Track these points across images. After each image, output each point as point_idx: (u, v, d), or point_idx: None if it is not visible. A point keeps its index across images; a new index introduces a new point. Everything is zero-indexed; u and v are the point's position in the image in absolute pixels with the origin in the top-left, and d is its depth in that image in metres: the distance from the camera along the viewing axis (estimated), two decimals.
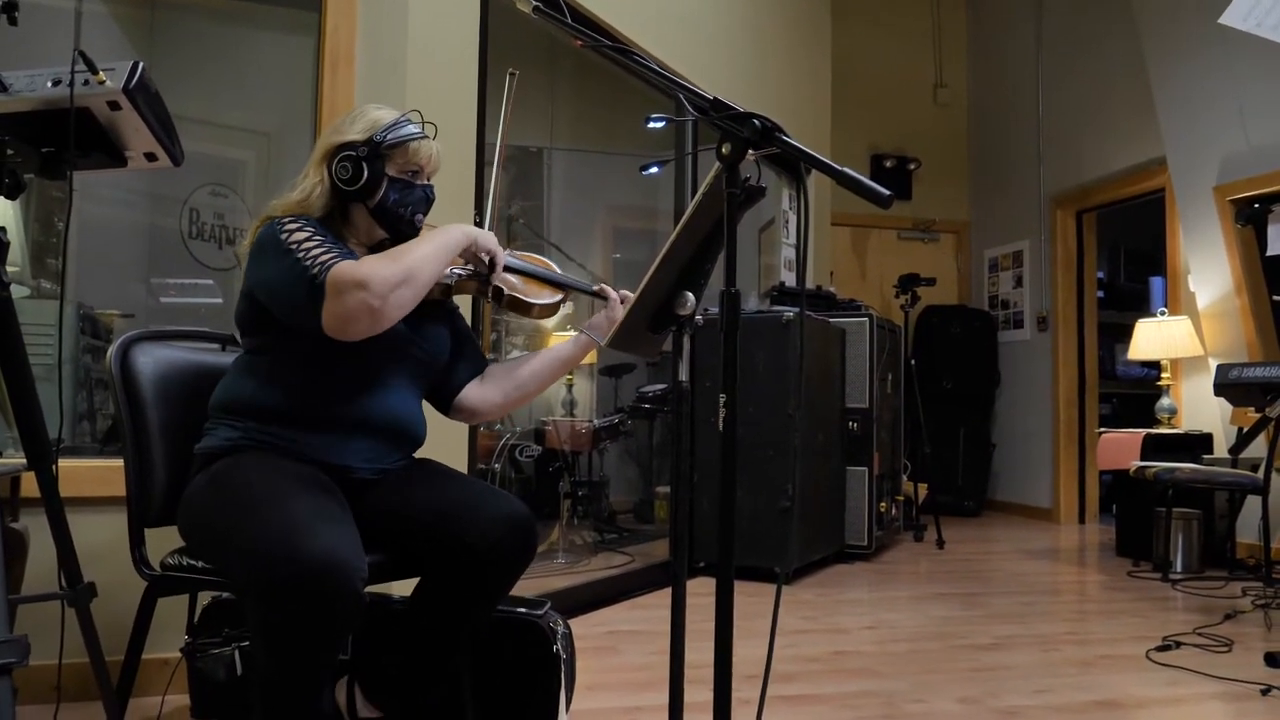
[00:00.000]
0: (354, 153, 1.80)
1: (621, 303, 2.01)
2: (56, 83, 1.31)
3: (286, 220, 1.71)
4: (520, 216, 6.06)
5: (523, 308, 1.96)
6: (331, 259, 1.62)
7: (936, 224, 7.78)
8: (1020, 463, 7.18)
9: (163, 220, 3.36)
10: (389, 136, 1.82)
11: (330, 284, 1.58)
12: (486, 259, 1.88)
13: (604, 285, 2.06)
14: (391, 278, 1.60)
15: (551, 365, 2.05)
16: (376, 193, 1.83)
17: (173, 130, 1.39)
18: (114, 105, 1.33)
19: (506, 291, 1.93)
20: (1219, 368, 4.32)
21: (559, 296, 2.00)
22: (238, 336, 1.87)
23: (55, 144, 1.35)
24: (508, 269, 1.97)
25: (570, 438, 5.06)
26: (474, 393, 2.04)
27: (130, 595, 1.83)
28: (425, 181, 1.90)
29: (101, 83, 1.31)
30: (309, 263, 1.61)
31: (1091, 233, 6.93)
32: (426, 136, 1.88)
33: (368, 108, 1.90)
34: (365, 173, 1.80)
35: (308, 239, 1.66)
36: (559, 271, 2.05)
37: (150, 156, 1.40)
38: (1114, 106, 6.36)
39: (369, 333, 1.62)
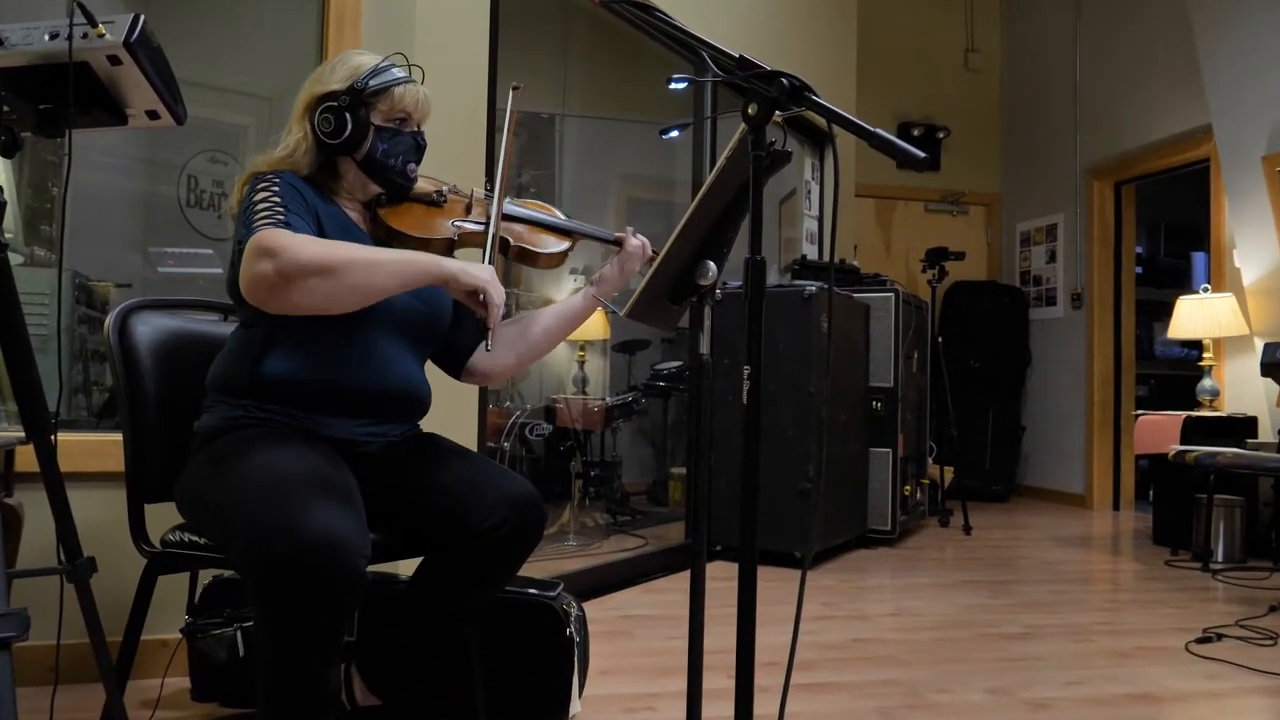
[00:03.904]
0: (336, 103, 1.78)
1: (642, 250, 1.99)
2: (54, 36, 1.31)
3: (262, 181, 1.71)
4: (531, 186, 6.05)
5: (530, 258, 1.95)
6: (267, 221, 1.60)
7: (966, 195, 7.72)
8: (1052, 446, 7.15)
9: (160, 187, 3.36)
10: (371, 82, 1.80)
11: (249, 246, 1.55)
12: (481, 298, 1.68)
13: (625, 232, 2.02)
14: (307, 261, 1.53)
15: (563, 320, 2.04)
16: (363, 144, 1.81)
17: (175, 86, 1.39)
18: (114, 60, 1.33)
19: (513, 242, 1.93)
20: (1266, 346, 4.29)
21: (566, 244, 1.99)
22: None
23: (53, 100, 1.35)
24: (512, 218, 1.96)
25: (582, 416, 5.07)
26: (484, 355, 2.02)
27: (129, 574, 1.84)
28: (415, 129, 1.88)
29: (101, 36, 1.30)
30: (251, 223, 1.60)
31: (1130, 205, 6.87)
32: (412, 80, 1.86)
33: (349, 54, 1.87)
34: (349, 124, 1.78)
35: (264, 200, 1.65)
36: (563, 217, 2.03)
37: (152, 114, 1.39)
38: (1157, 71, 6.29)
39: (270, 309, 1.58)
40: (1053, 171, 7.22)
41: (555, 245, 1.97)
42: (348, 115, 1.78)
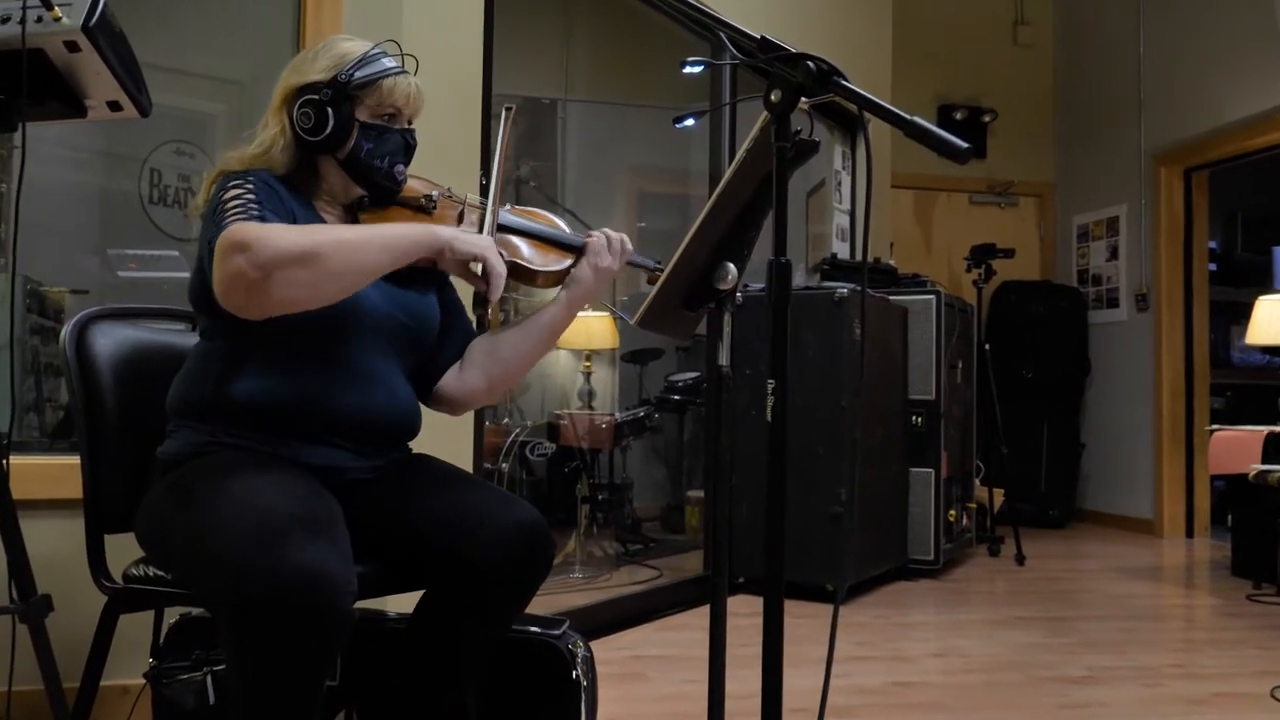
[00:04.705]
0: (317, 96, 1.77)
1: (608, 244, 1.95)
2: (4, 20, 1.33)
3: (233, 180, 1.70)
4: (530, 179, 6.07)
5: (526, 275, 1.93)
6: (238, 215, 1.59)
7: (1015, 186, 7.72)
8: (1115, 466, 7.13)
9: (119, 183, 3.38)
10: (356, 74, 1.79)
11: (219, 244, 1.54)
12: (478, 269, 1.71)
13: (589, 233, 1.98)
14: (285, 249, 1.52)
15: (534, 334, 1.97)
16: (346, 142, 1.80)
17: (139, 74, 1.41)
18: (72, 46, 1.35)
19: (507, 257, 1.92)
20: None
21: (568, 260, 1.96)
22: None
23: (4, 91, 1.37)
24: (508, 228, 1.95)
25: (589, 434, 5.07)
26: (453, 378, 1.98)
27: (87, 612, 1.85)
28: (405, 125, 1.88)
29: (57, 19, 1.32)
30: (221, 222, 1.59)
31: (1202, 195, 6.86)
32: (404, 71, 1.85)
33: (334, 40, 1.87)
34: (330, 119, 1.77)
35: (236, 197, 1.64)
36: (568, 231, 2.02)
37: (114, 105, 1.41)
38: (1231, 44, 6.28)
39: (250, 311, 1.56)
40: (1114, 158, 7.21)
41: (556, 262, 1.96)
42: (329, 110, 1.77)
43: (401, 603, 2.00)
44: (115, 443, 1.88)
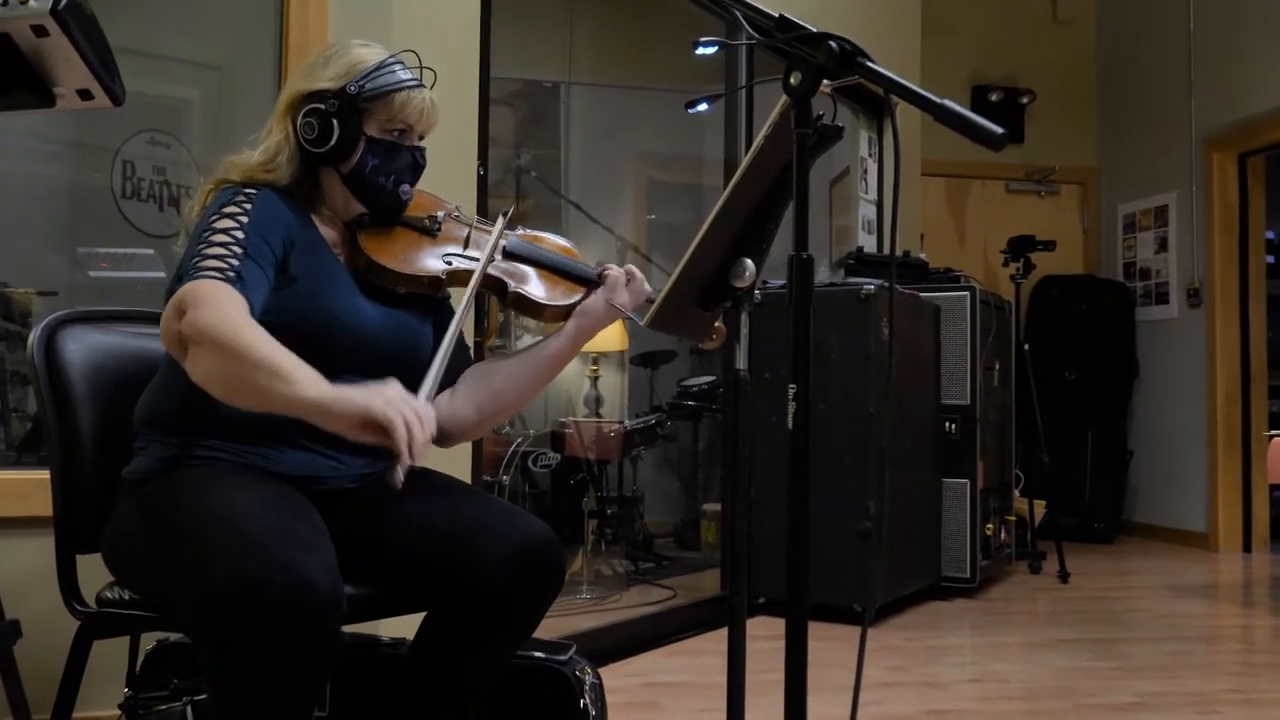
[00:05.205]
0: (323, 105, 1.79)
1: (628, 281, 1.94)
2: None
3: (235, 197, 1.71)
4: (531, 168, 6.08)
5: (533, 309, 1.94)
6: (211, 274, 1.59)
7: (1056, 172, 7.70)
8: (1166, 475, 7.11)
9: (89, 176, 3.39)
10: (367, 85, 1.80)
11: (177, 295, 1.58)
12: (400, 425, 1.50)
13: (607, 266, 1.99)
14: (216, 332, 1.52)
15: (535, 367, 1.97)
16: (350, 157, 1.82)
17: (112, 61, 1.42)
18: (40, 31, 1.35)
19: (512, 287, 1.91)
20: None
21: (578, 295, 1.97)
22: None
23: None
24: (515, 256, 1.95)
25: (596, 443, 5.08)
26: (443, 407, 1.96)
27: (58, 639, 1.86)
28: (415, 143, 1.89)
29: (24, 2, 1.33)
30: (196, 260, 1.61)
31: (1258, 181, 6.84)
32: (420, 84, 1.86)
33: (348, 45, 1.87)
34: (335, 132, 1.79)
35: (225, 232, 1.65)
36: (582, 262, 2.02)
37: (85, 94, 1.42)
38: None
39: (180, 362, 1.60)
40: (1162, 141, 7.19)
41: (565, 296, 1.96)
42: (335, 122, 1.79)
43: (395, 627, 2.00)
44: (88, 456, 1.89)
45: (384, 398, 1.50)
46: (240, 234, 1.65)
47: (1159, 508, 7.17)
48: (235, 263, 1.61)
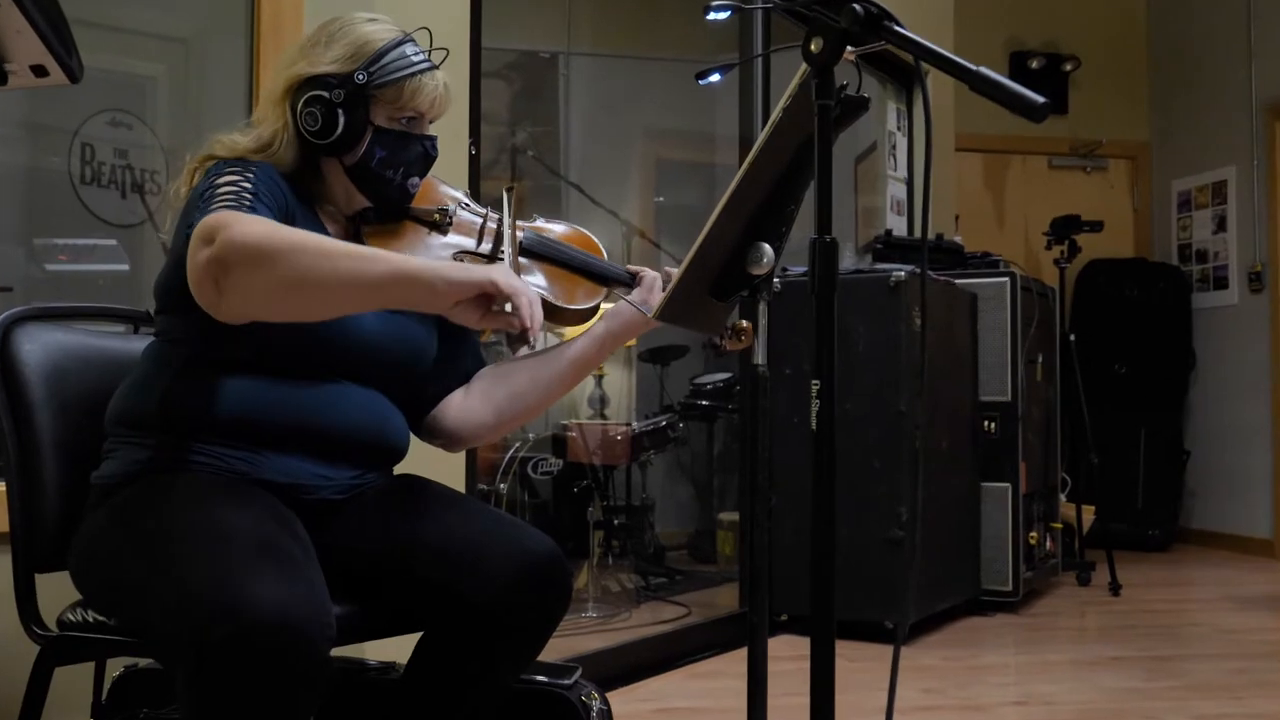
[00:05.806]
0: (326, 93, 1.77)
1: (665, 284, 1.94)
2: None
3: (231, 166, 1.70)
4: (528, 147, 6.08)
5: (551, 312, 1.94)
6: (226, 202, 1.58)
7: (1103, 146, 7.69)
8: (1226, 476, 7.10)
9: (45, 160, 3.39)
10: (377, 73, 1.79)
11: (197, 229, 1.53)
12: (507, 307, 1.55)
13: (641, 269, 2.00)
14: (243, 242, 1.49)
15: (559, 368, 1.98)
16: (356, 148, 1.81)
17: (68, 33, 1.41)
18: None
19: None
20: None
21: (598, 297, 1.98)
22: (152, 312, 1.88)
23: None
24: (531, 254, 1.95)
25: (602, 447, 5.08)
26: (454, 408, 1.98)
27: (17, 665, 1.86)
28: (425, 131, 1.89)
29: None
30: (207, 208, 1.58)
31: None
32: (433, 67, 1.85)
33: (353, 22, 1.85)
34: (340, 123, 1.77)
35: (232, 183, 1.64)
36: (604, 259, 2.02)
37: (39, 70, 1.42)
38: None
39: (222, 314, 1.55)
40: (1220, 112, 7.18)
41: (585, 299, 1.96)
42: (340, 112, 1.77)
43: (384, 650, 2.00)
44: (48, 466, 1.89)
45: (501, 270, 1.54)
46: (248, 186, 1.64)
47: (1219, 512, 7.16)
48: (249, 200, 1.61)
